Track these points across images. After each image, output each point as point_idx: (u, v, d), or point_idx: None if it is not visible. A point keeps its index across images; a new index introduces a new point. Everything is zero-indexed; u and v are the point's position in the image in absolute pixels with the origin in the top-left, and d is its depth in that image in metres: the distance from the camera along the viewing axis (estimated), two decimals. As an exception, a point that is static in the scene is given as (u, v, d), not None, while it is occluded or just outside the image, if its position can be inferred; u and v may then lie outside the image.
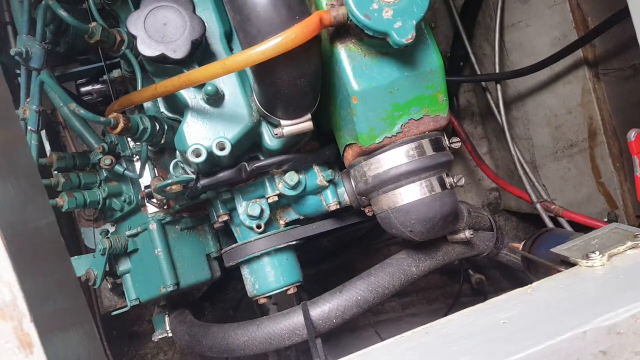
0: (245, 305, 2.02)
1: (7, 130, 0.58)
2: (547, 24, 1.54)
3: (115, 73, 1.08)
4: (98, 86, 1.30)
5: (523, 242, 1.02)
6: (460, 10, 1.86)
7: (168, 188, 0.86)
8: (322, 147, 0.98)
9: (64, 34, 1.03)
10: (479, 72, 1.84)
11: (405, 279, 0.92)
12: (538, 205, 1.55)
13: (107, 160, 0.98)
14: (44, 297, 0.45)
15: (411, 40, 0.70)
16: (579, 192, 1.65)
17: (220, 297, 2.06)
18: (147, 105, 0.99)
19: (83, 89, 1.33)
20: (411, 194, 0.80)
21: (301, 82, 0.77)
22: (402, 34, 0.70)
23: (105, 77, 1.10)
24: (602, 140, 1.51)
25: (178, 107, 0.88)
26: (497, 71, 1.70)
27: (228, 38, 0.91)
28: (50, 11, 0.88)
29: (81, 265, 1.06)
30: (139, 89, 0.92)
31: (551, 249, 0.76)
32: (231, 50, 0.91)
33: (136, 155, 1.06)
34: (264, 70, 0.75)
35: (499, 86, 1.67)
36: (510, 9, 1.66)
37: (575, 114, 1.57)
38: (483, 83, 1.80)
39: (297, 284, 1.02)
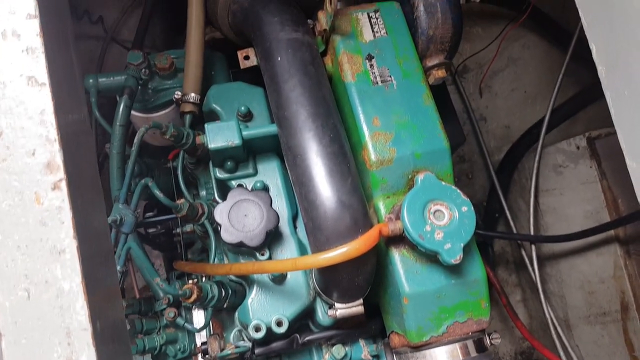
0: None
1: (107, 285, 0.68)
2: (580, 198, 1.65)
3: (188, 228, 1.22)
4: (167, 217, 1.44)
5: None
6: (497, 168, 2.00)
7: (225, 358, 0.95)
8: (369, 321, 1.06)
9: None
10: (513, 226, 1.93)
11: None
12: (570, 373, 1.55)
13: (171, 313, 1.08)
14: None
15: (459, 261, 0.81)
16: (612, 360, 1.66)
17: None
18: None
19: (155, 219, 1.47)
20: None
21: (358, 279, 0.88)
22: (452, 254, 0.81)
23: (178, 230, 1.24)
24: (634, 316, 1.55)
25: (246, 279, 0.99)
26: (532, 231, 1.79)
27: (294, 218, 1.05)
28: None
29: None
30: (212, 257, 1.04)
31: None
32: (295, 228, 1.04)
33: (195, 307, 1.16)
34: (327, 268, 0.87)
35: (533, 246, 1.75)
36: (545, 176, 1.78)
37: (607, 285, 1.62)
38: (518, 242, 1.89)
39: None
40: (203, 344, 1.08)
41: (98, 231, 0.68)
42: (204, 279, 1.06)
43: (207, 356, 1.01)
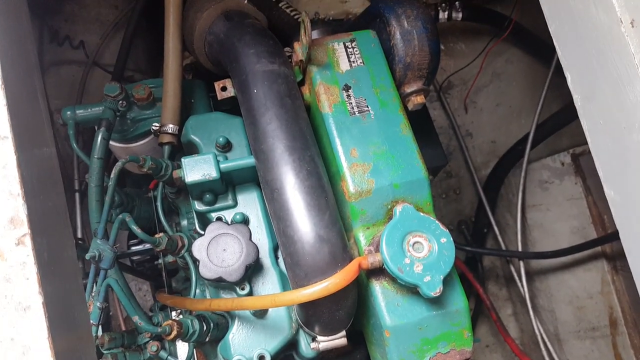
0: None
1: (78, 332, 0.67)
2: (567, 214, 1.65)
3: (170, 258, 1.20)
4: (149, 247, 1.43)
5: None
6: (484, 183, 2.01)
7: (209, 391, 0.94)
8: (354, 351, 1.06)
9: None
10: (501, 241, 1.94)
11: None
12: (561, 391, 1.55)
13: (153, 347, 1.07)
14: None
15: (439, 293, 0.80)
16: (603, 375, 1.65)
17: None
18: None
19: (134, 248, 1.46)
20: None
21: (339, 313, 0.87)
22: (431, 287, 0.81)
23: (160, 261, 1.22)
24: (623, 331, 1.55)
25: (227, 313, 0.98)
26: (520, 247, 1.79)
27: (275, 249, 1.04)
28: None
29: None
30: (194, 289, 1.03)
31: None
32: (277, 259, 1.03)
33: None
34: (308, 303, 0.86)
35: (522, 262, 1.75)
36: (531, 192, 1.79)
37: (596, 300, 1.62)
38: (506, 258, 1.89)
39: None
40: (186, 376, 1.06)
41: (67, 275, 0.67)
42: (186, 312, 1.05)
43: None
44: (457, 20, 1.76)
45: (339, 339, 0.93)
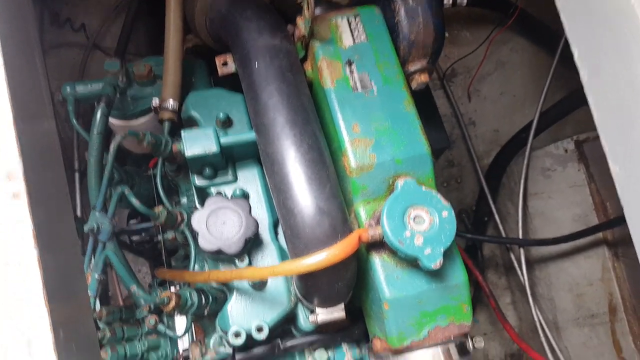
0: None
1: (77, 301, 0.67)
2: (569, 201, 1.64)
3: (170, 235, 1.20)
4: (148, 225, 1.42)
5: None
6: (486, 172, 2.00)
7: (207, 363, 0.94)
8: (352, 325, 1.05)
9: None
10: (502, 229, 1.93)
11: None
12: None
13: (151, 320, 1.07)
14: None
15: (439, 266, 0.80)
16: (601, 362, 1.65)
17: None
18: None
19: (135, 227, 1.46)
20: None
21: (338, 285, 0.87)
22: (432, 259, 0.80)
23: (159, 237, 1.22)
24: (622, 317, 1.54)
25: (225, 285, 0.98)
26: (521, 235, 1.79)
27: (275, 224, 1.03)
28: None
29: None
30: (192, 264, 1.03)
31: None
32: (276, 234, 1.03)
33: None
34: (307, 275, 0.85)
35: (522, 250, 1.75)
36: (533, 180, 1.78)
37: (596, 287, 1.62)
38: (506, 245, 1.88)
39: None
40: (185, 350, 1.06)
41: (65, 245, 0.66)
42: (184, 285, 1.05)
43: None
44: (462, 6, 1.74)
45: (337, 312, 0.93)
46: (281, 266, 0.84)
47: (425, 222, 0.83)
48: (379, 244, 0.88)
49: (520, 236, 1.78)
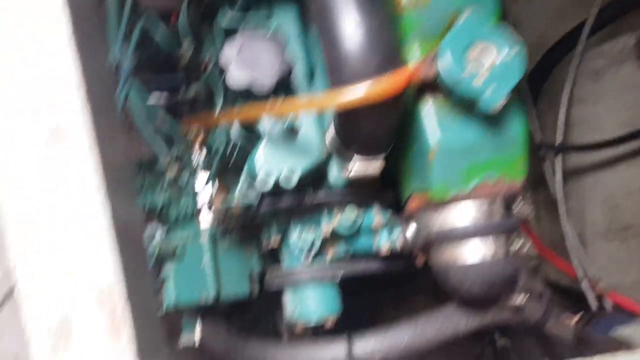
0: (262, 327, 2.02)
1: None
2: (619, 105, 1.52)
3: (192, 92, 1.12)
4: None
5: (576, 318, 0.98)
6: (527, 76, 1.86)
7: (230, 211, 0.88)
8: (385, 189, 0.99)
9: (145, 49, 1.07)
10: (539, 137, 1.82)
11: (452, 333, 0.90)
12: (584, 283, 1.50)
13: (174, 166, 1.01)
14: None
15: (499, 108, 0.71)
16: (626, 276, 1.60)
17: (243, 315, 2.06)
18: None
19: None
20: (474, 254, 0.80)
21: (379, 130, 0.79)
22: (492, 101, 0.71)
23: (181, 92, 1.14)
24: (659, 229, 1.47)
25: (254, 132, 0.91)
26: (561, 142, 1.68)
27: (310, 75, 0.94)
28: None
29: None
30: (218, 109, 0.95)
31: (613, 331, 0.74)
32: (311, 84, 0.94)
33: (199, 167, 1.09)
34: (346, 114, 0.77)
35: (559, 157, 1.65)
36: (580, 84, 1.65)
37: (634, 198, 1.53)
38: (541, 153, 1.78)
39: (335, 316, 1.03)
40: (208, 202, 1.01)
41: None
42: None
43: (212, 209, 0.95)
44: None
45: (372, 166, 0.85)
46: (321, 97, 0.75)
47: (489, 60, 0.72)
48: (432, 86, 0.78)
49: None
